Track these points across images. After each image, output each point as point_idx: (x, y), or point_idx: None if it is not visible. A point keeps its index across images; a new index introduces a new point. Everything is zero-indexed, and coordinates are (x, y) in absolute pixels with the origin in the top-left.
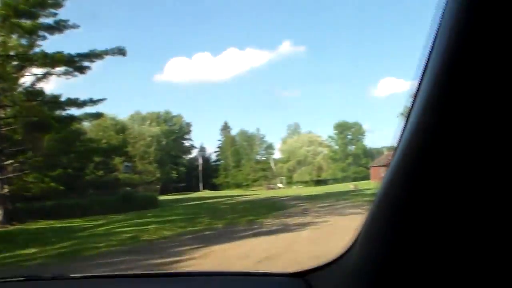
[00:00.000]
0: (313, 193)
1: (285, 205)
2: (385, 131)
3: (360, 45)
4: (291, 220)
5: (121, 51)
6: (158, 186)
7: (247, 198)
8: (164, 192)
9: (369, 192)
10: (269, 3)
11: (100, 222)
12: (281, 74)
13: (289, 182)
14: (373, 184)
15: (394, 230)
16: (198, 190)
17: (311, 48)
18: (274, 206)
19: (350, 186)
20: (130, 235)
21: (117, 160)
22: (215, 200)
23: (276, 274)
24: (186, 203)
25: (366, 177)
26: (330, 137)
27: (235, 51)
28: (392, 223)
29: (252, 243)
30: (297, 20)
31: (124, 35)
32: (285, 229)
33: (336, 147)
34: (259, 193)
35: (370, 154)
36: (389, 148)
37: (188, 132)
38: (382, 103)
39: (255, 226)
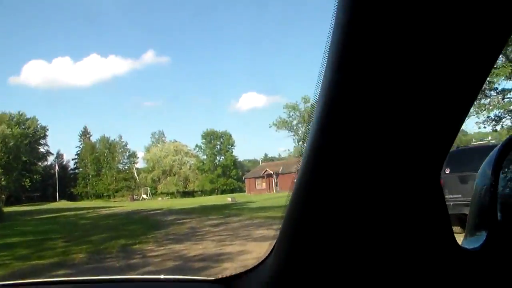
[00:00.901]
0: (186, 206)
1: (161, 221)
2: (251, 144)
3: (224, 60)
4: (184, 248)
5: None
6: (3, 196)
7: (111, 211)
8: (14, 202)
9: (253, 205)
10: (134, 11)
11: None
12: (144, 83)
13: (154, 193)
14: (251, 197)
15: (302, 237)
16: (55, 200)
17: (175, 59)
18: (148, 223)
19: (227, 199)
20: None
21: None
22: (73, 212)
23: (198, 280)
24: (39, 216)
25: (237, 189)
26: (197, 146)
27: (97, 57)
28: (300, 231)
29: None
30: (161, 31)
31: None
32: (185, 267)
33: (204, 157)
34: (123, 205)
35: (239, 166)
36: (264, 159)
37: (44, 136)
38: (245, 116)
39: (135, 259)
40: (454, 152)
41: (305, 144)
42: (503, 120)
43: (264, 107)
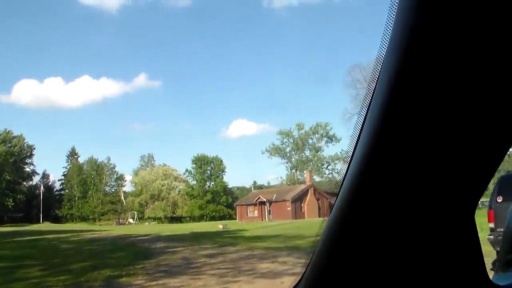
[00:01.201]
0: (176, 233)
1: (150, 249)
2: (240, 171)
3: (215, 87)
4: (180, 285)
5: None
6: None
7: (96, 235)
8: None
9: (247, 234)
10: (128, 35)
11: None
12: (135, 106)
13: (141, 218)
14: (243, 224)
15: (340, 267)
16: (38, 222)
17: (167, 84)
18: (136, 251)
19: (218, 226)
20: None
21: None
22: (56, 235)
23: None
24: (18, 238)
25: (226, 216)
26: (187, 171)
27: (89, 79)
28: (338, 260)
29: None
30: (154, 55)
31: None
32: None
33: (194, 182)
34: (109, 228)
35: (229, 192)
36: (254, 187)
37: (30, 155)
38: (234, 143)
39: None
40: (509, 178)
41: (343, 175)
42: None
43: (253, 134)
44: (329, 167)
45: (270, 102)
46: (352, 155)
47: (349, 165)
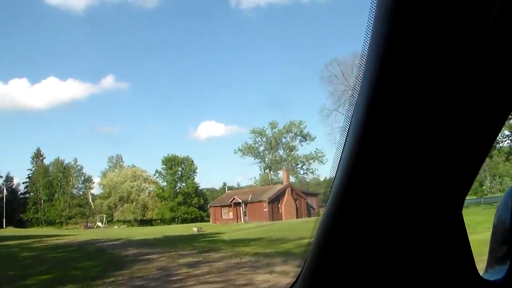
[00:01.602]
0: (148, 237)
1: (121, 256)
2: (209, 172)
3: (183, 87)
4: None
5: None
6: None
7: (61, 241)
8: None
9: (225, 237)
10: (94, 36)
11: None
12: (103, 108)
13: (110, 221)
14: (218, 227)
15: (334, 266)
16: (1, 227)
17: (135, 85)
18: (105, 259)
19: (193, 229)
20: None
21: None
22: (19, 241)
23: None
24: None
25: (198, 219)
26: (157, 172)
27: (55, 80)
28: (332, 259)
29: None
30: (121, 56)
31: None
32: None
33: (164, 183)
34: (76, 233)
35: (201, 194)
36: (224, 188)
37: None
38: (203, 144)
39: None
40: None
41: (333, 175)
42: None
43: (222, 136)
44: (303, 167)
45: (240, 102)
46: (341, 155)
47: (338, 165)
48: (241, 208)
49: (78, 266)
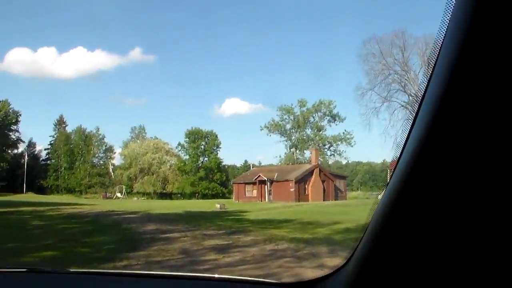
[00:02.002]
0: (169, 211)
1: (138, 233)
2: (231, 149)
3: (210, 63)
4: None
5: None
6: None
7: (77, 210)
8: None
9: (251, 217)
10: (124, 7)
11: None
12: (129, 80)
13: (129, 192)
14: (241, 205)
15: (392, 244)
16: (22, 192)
17: (162, 58)
18: (121, 235)
19: (215, 205)
20: None
21: None
22: (32, 208)
23: (277, 284)
24: None
25: (219, 195)
26: (180, 145)
27: (83, 50)
28: (391, 248)
29: None
30: (150, 29)
31: None
32: None
33: (187, 157)
34: (94, 203)
35: (223, 170)
36: (247, 166)
37: (16, 122)
38: (226, 121)
39: None
40: None
41: (402, 146)
42: None
43: (246, 113)
44: (331, 148)
45: (266, 81)
46: (407, 139)
47: (402, 151)
48: (266, 186)
49: (89, 241)
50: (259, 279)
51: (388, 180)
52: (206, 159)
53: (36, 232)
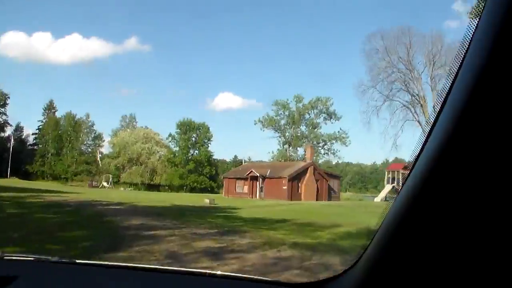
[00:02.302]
0: (156, 204)
1: (122, 228)
2: (221, 144)
3: (205, 57)
4: None
5: None
6: None
7: (61, 198)
8: None
9: (243, 214)
10: None
11: None
12: (123, 68)
13: (116, 182)
14: (231, 201)
15: (403, 260)
16: (6, 177)
17: (157, 49)
18: (101, 229)
19: (204, 200)
20: None
21: None
22: (14, 194)
23: (285, 284)
24: None
25: (208, 189)
26: (170, 135)
27: (78, 37)
28: (403, 252)
29: None
30: (147, 19)
31: None
32: None
33: (177, 148)
34: (79, 191)
35: (213, 164)
36: (237, 161)
37: (4, 104)
38: (218, 115)
39: None
40: None
41: (421, 147)
42: None
43: (238, 109)
44: (325, 147)
45: (261, 76)
46: (426, 140)
47: (420, 152)
48: (258, 182)
49: (65, 236)
50: (266, 278)
51: (400, 185)
52: (196, 151)
53: (9, 221)
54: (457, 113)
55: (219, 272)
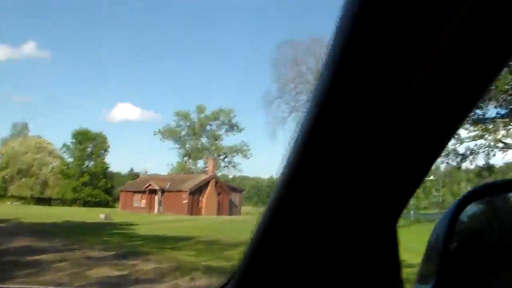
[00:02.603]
0: (45, 221)
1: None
2: (116, 156)
3: (104, 66)
4: None
5: None
6: None
7: None
8: None
9: (142, 231)
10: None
11: None
12: (18, 75)
13: (3, 196)
14: (128, 215)
15: (267, 266)
16: None
17: (56, 56)
18: None
19: (99, 215)
20: None
21: None
22: None
23: None
24: None
25: (103, 203)
26: (65, 145)
27: None
28: (266, 259)
29: None
30: (46, 23)
31: None
32: None
33: (71, 159)
34: None
35: (109, 176)
36: (133, 174)
37: None
38: (115, 126)
39: None
40: None
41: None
42: None
43: (137, 120)
44: (225, 159)
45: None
46: (289, 154)
47: (285, 165)
48: (156, 196)
49: None
50: None
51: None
52: (92, 163)
53: None
54: (313, 114)
55: None
